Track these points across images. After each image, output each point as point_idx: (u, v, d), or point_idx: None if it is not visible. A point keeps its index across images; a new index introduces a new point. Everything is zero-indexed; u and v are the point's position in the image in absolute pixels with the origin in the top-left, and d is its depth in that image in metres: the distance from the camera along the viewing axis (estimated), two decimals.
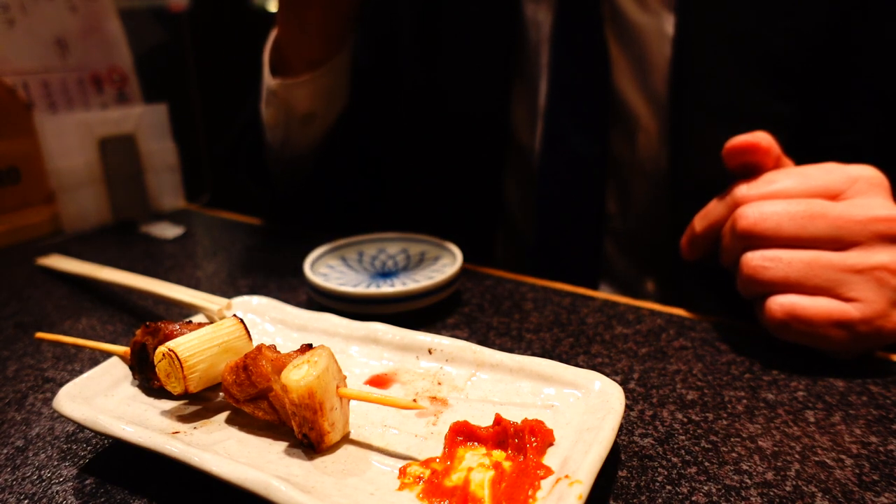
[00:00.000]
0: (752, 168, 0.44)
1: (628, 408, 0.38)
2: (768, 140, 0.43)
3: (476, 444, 0.32)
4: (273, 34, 0.65)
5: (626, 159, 0.65)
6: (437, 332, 0.45)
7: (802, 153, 0.48)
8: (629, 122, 0.63)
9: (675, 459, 0.33)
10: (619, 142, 0.64)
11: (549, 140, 0.66)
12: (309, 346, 0.34)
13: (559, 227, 0.68)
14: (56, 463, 0.35)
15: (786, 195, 0.42)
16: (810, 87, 0.55)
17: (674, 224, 0.58)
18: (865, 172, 0.41)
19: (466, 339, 0.45)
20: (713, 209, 0.46)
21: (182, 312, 0.51)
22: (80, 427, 0.38)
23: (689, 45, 0.57)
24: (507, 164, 0.71)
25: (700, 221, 0.47)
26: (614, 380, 0.34)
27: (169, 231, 0.75)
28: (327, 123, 0.69)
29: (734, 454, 0.33)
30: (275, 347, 0.34)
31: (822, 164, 0.43)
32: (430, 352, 0.39)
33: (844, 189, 0.41)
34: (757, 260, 0.41)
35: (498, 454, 0.31)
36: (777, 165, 0.44)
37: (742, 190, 0.43)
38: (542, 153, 0.66)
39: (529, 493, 0.28)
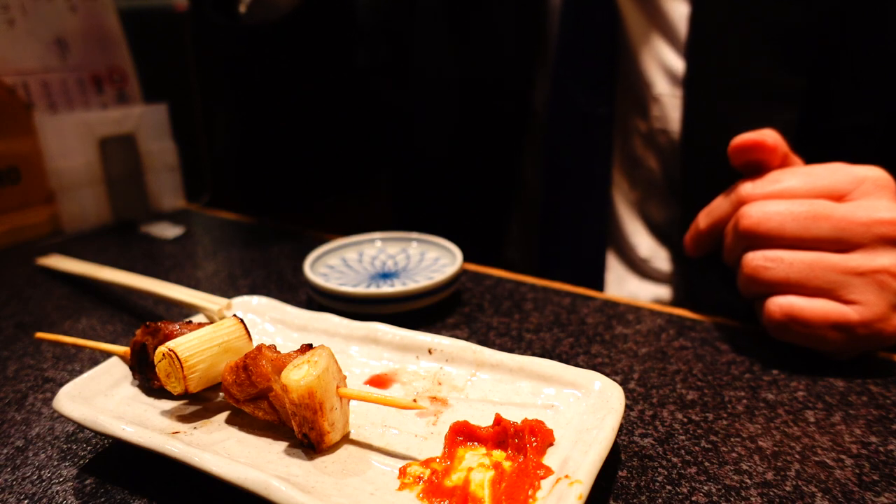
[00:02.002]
0: (757, 166, 0.44)
1: (628, 408, 0.38)
2: (774, 138, 0.43)
3: (476, 444, 0.32)
4: None
5: (638, 130, 0.65)
6: (437, 332, 0.45)
7: (813, 134, 0.47)
8: (643, 93, 0.63)
9: (675, 459, 0.33)
10: (631, 112, 0.64)
11: (556, 99, 0.66)
12: (309, 346, 0.34)
13: (566, 189, 0.68)
14: (56, 463, 0.35)
15: (790, 195, 0.41)
16: (824, 62, 0.55)
17: (685, 200, 0.58)
18: (872, 173, 0.41)
19: (466, 339, 0.45)
20: (717, 206, 0.46)
21: (182, 312, 0.51)
22: (80, 427, 0.38)
23: (705, 16, 0.58)
24: (526, 134, 0.72)
25: (704, 218, 0.47)
26: (614, 380, 0.34)
27: (169, 231, 0.75)
28: None
29: (734, 454, 0.33)
30: (275, 347, 0.34)
31: (828, 164, 0.42)
32: (430, 352, 0.39)
33: (850, 190, 0.41)
34: (758, 260, 0.41)
35: (498, 454, 0.31)
36: (784, 164, 0.44)
37: (747, 188, 0.43)
38: (550, 113, 0.67)
39: (529, 493, 0.28)
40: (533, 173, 0.73)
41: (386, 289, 0.48)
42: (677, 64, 0.61)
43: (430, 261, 0.56)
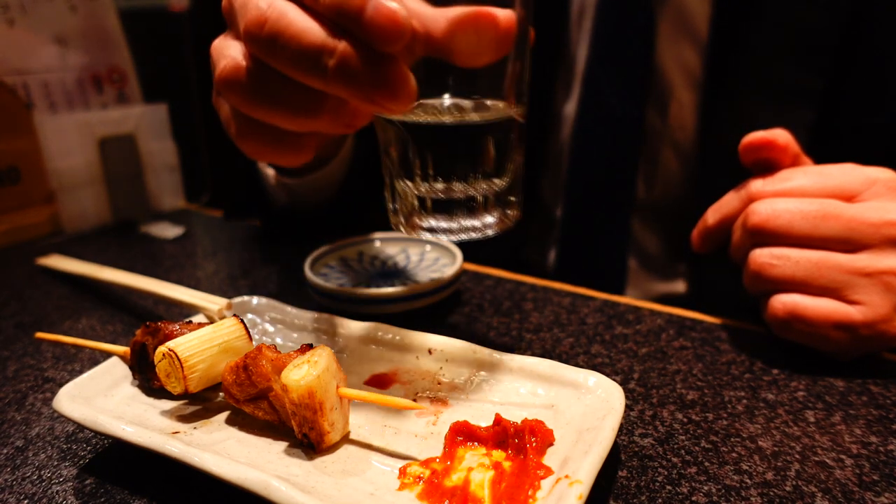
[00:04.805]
0: (768, 165, 0.44)
1: (628, 408, 0.38)
2: (786, 137, 0.43)
3: (476, 444, 0.32)
4: None
5: (656, 129, 0.65)
6: (437, 332, 0.45)
7: (828, 132, 0.47)
8: (663, 92, 0.64)
9: (675, 459, 0.33)
10: (650, 111, 0.65)
11: (586, 104, 0.66)
12: (309, 346, 0.34)
13: (590, 192, 0.68)
14: (56, 463, 0.35)
15: (800, 193, 0.41)
16: (843, 64, 0.55)
17: (699, 199, 0.59)
18: (884, 175, 0.41)
19: (466, 339, 0.45)
20: (727, 202, 0.46)
21: (182, 312, 0.51)
22: (80, 427, 0.38)
23: (727, 16, 0.58)
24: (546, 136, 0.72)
25: (713, 214, 0.47)
26: (614, 380, 0.34)
27: (169, 231, 0.75)
28: (336, 186, 0.66)
29: (734, 454, 0.33)
30: (275, 347, 0.34)
31: (840, 165, 0.42)
32: (430, 352, 0.39)
33: (861, 191, 0.41)
34: (765, 257, 0.41)
35: (498, 454, 0.31)
36: (794, 163, 0.44)
37: (757, 185, 0.43)
38: (579, 117, 0.67)
39: (529, 493, 0.28)
40: (552, 175, 0.73)
41: (386, 289, 0.48)
42: (697, 63, 0.61)
43: (430, 261, 0.56)
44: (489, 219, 0.38)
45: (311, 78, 0.28)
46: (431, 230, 0.38)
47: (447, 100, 0.36)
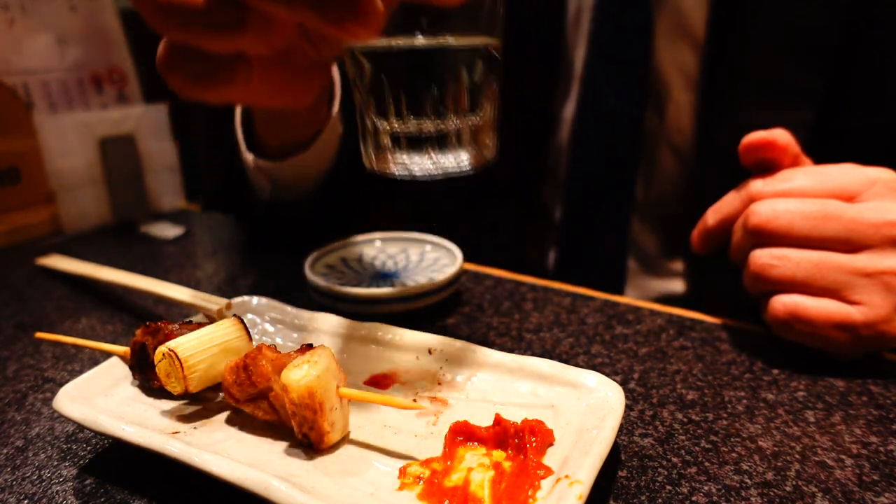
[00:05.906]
0: (768, 165, 0.44)
1: (628, 408, 0.38)
2: (786, 137, 0.43)
3: (476, 444, 0.32)
4: (238, 110, 0.59)
5: (654, 129, 0.65)
6: (437, 332, 0.45)
7: (826, 132, 0.47)
8: (660, 93, 0.64)
9: (675, 459, 0.33)
10: (648, 111, 0.65)
11: (585, 105, 0.66)
12: (309, 346, 0.34)
13: (589, 195, 0.68)
14: (56, 463, 0.35)
15: (801, 194, 0.41)
16: (842, 64, 0.55)
17: (698, 199, 0.59)
18: (884, 175, 0.41)
19: (466, 339, 0.44)
20: (727, 203, 0.46)
21: (182, 312, 0.51)
22: (80, 427, 0.38)
23: (725, 16, 0.58)
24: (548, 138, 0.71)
25: (713, 215, 0.47)
26: (614, 380, 0.34)
27: (169, 231, 0.75)
28: (322, 175, 0.64)
29: (734, 454, 0.33)
30: (275, 347, 0.34)
31: (840, 165, 0.42)
32: (430, 352, 0.39)
33: (861, 191, 0.41)
34: (765, 258, 0.41)
35: (498, 454, 0.31)
36: (794, 164, 0.44)
37: (757, 185, 0.43)
38: (578, 118, 0.67)
39: (529, 493, 0.28)
40: (552, 176, 0.73)
41: (386, 289, 0.48)
42: (694, 65, 0.61)
43: (431, 261, 0.56)
44: (463, 155, 0.37)
45: None
46: (405, 168, 0.36)
47: (419, 39, 0.34)
